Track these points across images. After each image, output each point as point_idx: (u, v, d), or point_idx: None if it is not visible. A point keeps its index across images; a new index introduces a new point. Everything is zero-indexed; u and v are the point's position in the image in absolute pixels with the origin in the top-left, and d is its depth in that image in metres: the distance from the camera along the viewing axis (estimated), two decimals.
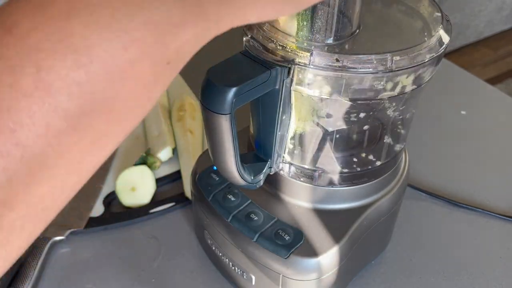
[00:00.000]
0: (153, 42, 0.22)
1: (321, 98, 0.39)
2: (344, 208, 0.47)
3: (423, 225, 0.60)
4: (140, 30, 0.22)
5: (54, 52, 0.20)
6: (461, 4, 2.17)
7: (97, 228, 0.58)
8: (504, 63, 2.33)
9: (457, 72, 0.87)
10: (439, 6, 0.43)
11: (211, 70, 0.36)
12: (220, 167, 0.41)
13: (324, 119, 0.41)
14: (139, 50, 0.22)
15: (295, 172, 0.46)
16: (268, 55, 0.38)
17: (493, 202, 0.63)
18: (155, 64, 0.23)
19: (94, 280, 0.54)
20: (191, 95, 0.75)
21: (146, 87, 0.23)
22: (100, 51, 0.21)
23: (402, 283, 0.54)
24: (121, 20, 0.21)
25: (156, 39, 0.22)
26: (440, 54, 0.39)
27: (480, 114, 0.78)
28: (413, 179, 0.65)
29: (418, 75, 0.39)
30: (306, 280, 0.44)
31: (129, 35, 0.21)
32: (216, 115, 0.36)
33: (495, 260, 0.56)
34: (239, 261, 0.48)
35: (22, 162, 0.20)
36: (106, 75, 0.21)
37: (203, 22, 0.25)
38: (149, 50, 0.22)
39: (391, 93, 0.39)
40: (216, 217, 0.48)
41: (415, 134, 0.71)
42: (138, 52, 0.22)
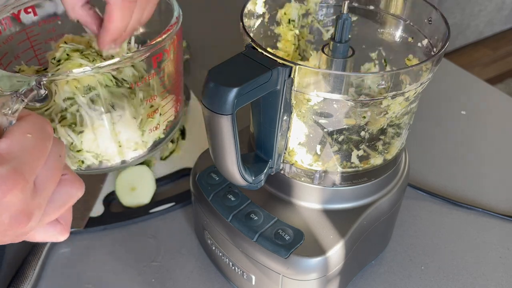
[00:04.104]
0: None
1: (321, 98, 0.39)
2: (344, 208, 0.47)
3: (423, 225, 0.60)
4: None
5: None
6: (461, 4, 2.17)
7: (97, 228, 0.58)
8: (504, 63, 2.33)
9: (457, 72, 0.87)
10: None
11: (213, 71, 0.36)
12: (221, 168, 0.41)
13: (324, 119, 0.41)
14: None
15: (295, 172, 0.46)
16: (269, 55, 0.38)
17: (493, 202, 0.63)
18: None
19: (94, 280, 0.54)
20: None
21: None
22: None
23: (402, 283, 0.54)
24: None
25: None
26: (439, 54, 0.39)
27: (480, 114, 0.78)
28: (413, 179, 0.65)
29: (417, 75, 0.39)
30: (306, 280, 0.44)
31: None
32: (217, 115, 0.36)
33: (495, 260, 0.56)
34: (239, 261, 0.48)
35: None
36: None
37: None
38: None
39: (391, 93, 0.39)
40: (216, 217, 0.48)
41: (415, 134, 0.71)
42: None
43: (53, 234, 0.32)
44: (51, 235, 0.32)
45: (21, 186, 0.27)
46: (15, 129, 0.29)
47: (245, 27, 0.41)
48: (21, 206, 0.28)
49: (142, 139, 0.40)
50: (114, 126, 0.38)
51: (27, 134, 0.29)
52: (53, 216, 0.31)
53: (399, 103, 0.40)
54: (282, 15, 0.49)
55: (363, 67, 0.52)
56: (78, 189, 0.32)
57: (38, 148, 0.29)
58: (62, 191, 0.31)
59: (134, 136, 0.39)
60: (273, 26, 0.50)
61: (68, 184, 0.32)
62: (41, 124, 0.30)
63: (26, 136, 0.28)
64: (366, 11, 0.49)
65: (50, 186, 0.30)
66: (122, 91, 0.37)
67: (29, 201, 0.28)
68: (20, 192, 0.27)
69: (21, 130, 0.29)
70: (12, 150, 0.28)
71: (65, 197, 0.31)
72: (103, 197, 0.62)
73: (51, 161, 0.30)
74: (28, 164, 0.28)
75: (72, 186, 0.32)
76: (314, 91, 0.39)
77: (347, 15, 0.42)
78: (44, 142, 0.29)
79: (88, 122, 0.37)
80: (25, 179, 0.27)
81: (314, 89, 0.39)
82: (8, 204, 0.27)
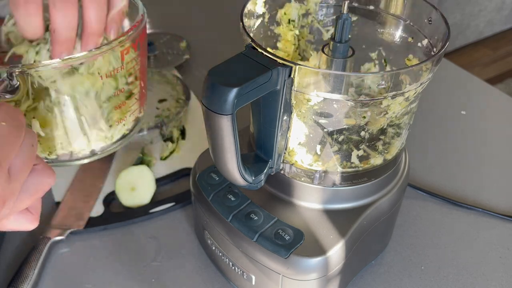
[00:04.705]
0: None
1: (321, 98, 0.39)
2: (344, 208, 0.47)
3: (423, 225, 0.60)
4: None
5: None
6: (461, 4, 2.17)
7: (97, 228, 0.58)
8: (504, 63, 2.33)
9: (457, 72, 0.87)
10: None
11: (213, 71, 0.36)
12: (221, 168, 0.41)
13: (324, 119, 0.41)
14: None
15: (295, 172, 0.46)
16: (269, 55, 0.38)
17: (493, 202, 0.63)
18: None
19: (94, 280, 0.54)
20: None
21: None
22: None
23: (402, 283, 0.54)
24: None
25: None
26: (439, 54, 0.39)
27: (480, 114, 0.78)
28: (413, 179, 0.65)
29: (417, 75, 0.39)
30: (306, 280, 0.44)
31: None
32: (217, 115, 0.36)
33: (495, 260, 0.56)
34: (239, 261, 0.48)
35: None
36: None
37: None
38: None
39: (391, 93, 0.39)
40: (216, 217, 0.48)
41: (415, 134, 0.71)
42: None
43: (23, 223, 0.33)
44: (21, 224, 0.33)
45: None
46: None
47: (245, 27, 0.41)
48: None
49: (109, 132, 0.41)
50: (82, 118, 0.38)
51: (1, 122, 0.29)
52: (25, 204, 0.32)
53: (399, 103, 0.40)
54: (282, 15, 0.49)
55: (363, 67, 0.52)
56: (50, 178, 0.33)
57: (12, 136, 0.30)
58: (34, 179, 0.32)
59: (101, 128, 0.40)
60: (273, 26, 0.50)
61: (40, 173, 0.32)
62: (14, 113, 0.31)
63: (0, 124, 0.29)
64: (366, 11, 0.49)
65: (23, 174, 0.31)
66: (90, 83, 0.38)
67: (4, 187, 0.28)
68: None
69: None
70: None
71: (37, 186, 0.32)
72: (103, 197, 0.62)
73: (24, 150, 0.31)
74: (3, 152, 0.29)
75: (43, 175, 0.32)
76: (314, 91, 0.39)
77: (347, 15, 0.42)
78: (18, 130, 0.30)
79: (58, 115, 0.38)
80: (2, 168, 0.28)
81: (314, 89, 0.39)
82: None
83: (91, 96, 0.38)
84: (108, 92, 0.39)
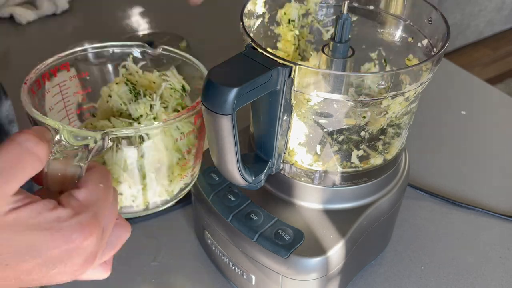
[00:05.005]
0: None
1: (321, 98, 0.39)
2: (344, 208, 0.47)
3: (423, 225, 0.60)
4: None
5: None
6: (461, 4, 2.17)
7: None
8: (504, 63, 2.33)
9: (457, 72, 0.87)
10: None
11: (213, 71, 0.36)
12: (221, 168, 0.41)
13: (324, 119, 0.41)
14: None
15: (295, 172, 0.46)
16: (269, 55, 0.38)
17: (493, 202, 0.63)
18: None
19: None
20: None
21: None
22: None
23: (402, 283, 0.54)
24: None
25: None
26: (439, 54, 0.39)
27: (480, 114, 0.78)
28: (413, 179, 0.65)
29: (417, 75, 0.39)
30: (306, 280, 0.44)
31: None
32: (217, 115, 0.36)
33: (495, 260, 0.56)
34: (239, 261, 0.48)
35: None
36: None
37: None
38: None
39: (391, 93, 0.39)
40: (216, 217, 0.48)
41: (415, 134, 0.71)
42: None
43: (100, 272, 0.35)
44: (98, 274, 0.35)
45: (97, 231, 0.30)
46: (89, 179, 0.32)
47: (245, 27, 0.41)
48: (94, 249, 0.30)
49: (170, 187, 0.44)
50: (151, 174, 0.42)
51: (100, 184, 0.32)
52: (107, 257, 0.34)
53: (399, 103, 0.40)
54: (282, 15, 0.49)
55: (363, 67, 0.52)
56: (127, 231, 0.35)
57: (107, 195, 0.32)
58: (116, 233, 0.34)
59: (163, 184, 0.44)
60: (273, 26, 0.50)
61: (120, 228, 0.35)
62: (107, 174, 0.34)
63: (99, 186, 0.32)
64: (366, 11, 0.49)
65: (110, 229, 0.33)
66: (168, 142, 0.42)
67: (98, 243, 0.31)
68: (96, 236, 0.30)
69: (94, 180, 0.32)
70: (90, 198, 0.31)
71: (118, 239, 0.35)
72: None
73: (112, 206, 0.33)
74: (101, 211, 0.31)
75: (122, 229, 0.35)
76: (314, 91, 0.39)
77: (347, 15, 0.42)
78: (110, 190, 0.33)
79: (131, 172, 0.41)
80: (100, 225, 0.31)
81: (314, 89, 0.39)
82: (86, 247, 0.30)
83: (161, 155, 0.41)
84: (175, 153, 0.43)
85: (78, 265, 0.30)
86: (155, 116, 0.44)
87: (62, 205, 0.30)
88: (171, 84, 0.46)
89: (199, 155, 0.46)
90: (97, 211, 0.31)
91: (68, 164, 0.33)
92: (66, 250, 0.29)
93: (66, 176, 0.33)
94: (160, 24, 0.98)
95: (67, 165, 0.33)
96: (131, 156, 0.40)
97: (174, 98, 0.46)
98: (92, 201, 0.31)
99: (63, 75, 0.45)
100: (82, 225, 0.29)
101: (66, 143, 0.34)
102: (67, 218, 0.29)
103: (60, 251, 0.29)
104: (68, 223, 0.29)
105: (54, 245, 0.28)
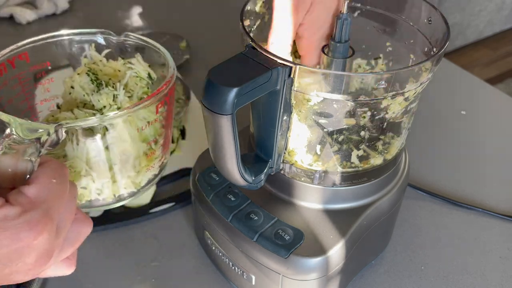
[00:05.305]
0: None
1: (321, 98, 0.39)
2: (344, 208, 0.47)
3: (423, 225, 0.60)
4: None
5: None
6: (461, 4, 2.17)
7: (97, 228, 0.58)
8: (504, 63, 2.33)
9: (457, 72, 0.87)
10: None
11: (213, 71, 0.36)
12: (221, 168, 0.41)
13: (324, 119, 0.41)
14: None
15: (295, 172, 0.46)
16: (269, 55, 0.38)
17: (493, 202, 0.63)
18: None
19: (94, 280, 0.54)
20: None
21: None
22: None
23: (402, 283, 0.54)
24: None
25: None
26: (439, 54, 0.39)
27: (480, 114, 0.78)
28: (413, 179, 0.65)
29: (417, 75, 0.39)
30: (306, 280, 0.44)
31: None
32: (217, 115, 0.36)
33: (495, 260, 0.56)
34: (239, 261, 0.48)
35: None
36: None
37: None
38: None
39: (391, 93, 0.39)
40: (216, 217, 0.48)
41: (415, 134, 0.71)
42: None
43: (62, 269, 0.35)
44: (60, 270, 0.35)
45: (49, 228, 0.29)
46: (40, 175, 0.31)
47: (245, 27, 0.41)
48: (47, 247, 0.29)
49: (137, 178, 0.43)
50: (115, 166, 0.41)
51: (52, 179, 0.31)
52: (67, 254, 0.33)
53: (399, 103, 0.40)
54: None
55: (355, 62, 0.51)
56: (88, 227, 0.34)
57: (61, 191, 0.31)
58: (75, 229, 0.33)
59: (129, 175, 0.42)
60: None
61: (80, 223, 0.34)
62: (61, 169, 0.32)
63: (51, 181, 0.31)
64: (366, 11, 0.49)
65: (67, 226, 0.32)
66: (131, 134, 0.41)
67: (52, 242, 0.30)
68: (48, 234, 0.29)
69: (46, 175, 0.31)
70: (41, 195, 0.30)
71: (78, 235, 0.34)
72: None
73: (68, 203, 0.32)
74: (54, 207, 0.30)
75: (83, 225, 0.34)
76: (314, 91, 0.39)
77: (347, 15, 0.42)
78: (65, 185, 0.32)
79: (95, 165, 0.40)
80: (53, 222, 0.30)
81: (314, 89, 0.39)
82: (37, 246, 0.29)
83: (126, 145, 0.40)
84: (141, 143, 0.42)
85: (30, 264, 0.29)
86: (119, 106, 0.43)
87: (10, 203, 0.29)
88: (137, 72, 0.45)
89: (167, 145, 0.45)
90: (49, 208, 0.30)
91: (19, 159, 0.31)
92: (15, 249, 0.28)
93: (17, 172, 0.31)
94: (160, 24, 0.98)
95: (18, 160, 0.31)
96: (94, 149, 0.39)
97: (139, 87, 0.45)
98: (42, 197, 0.30)
99: (22, 65, 0.43)
100: (31, 223, 0.28)
101: (17, 137, 0.32)
102: (15, 217, 0.28)
103: (8, 251, 0.28)
104: (15, 222, 0.28)
105: (2, 244, 0.28)
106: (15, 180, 0.31)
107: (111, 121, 0.38)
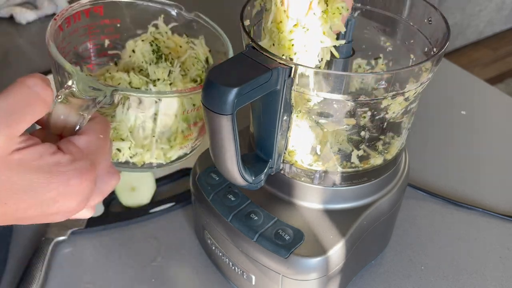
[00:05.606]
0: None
1: (322, 98, 0.39)
2: (344, 208, 0.47)
3: (423, 225, 0.60)
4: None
5: None
6: (461, 4, 2.17)
7: (97, 228, 0.58)
8: (504, 63, 2.33)
9: (457, 72, 0.87)
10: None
11: (212, 71, 0.36)
12: (221, 168, 0.41)
13: (324, 119, 0.41)
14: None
15: (295, 172, 0.46)
16: (269, 55, 0.38)
17: (493, 202, 0.63)
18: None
19: (94, 280, 0.54)
20: None
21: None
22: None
23: (402, 283, 0.54)
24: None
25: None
26: (439, 54, 0.39)
27: (480, 114, 0.78)
28: (413, 179, 0.65)
29: (417, 75, 0.39)
30: (306, 280, 0.44)
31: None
32: (217, 115, 0.36)
33: (495, 260, 0.56)
34: (239, 261, 0.48)
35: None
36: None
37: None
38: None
39: (391, 93, 0.39)
40: (216, 217, 0.48)
41: (415, 134, 0.71)
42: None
43: (85, 213, 0.37)
44: (83, 214, 0.37)
45: (92, 178, 0.32)
46: (90, 129, 0.34)
47: (245, 27, 0.41)
48: (88, 193, 0.32)
49: (170, 153, 0.45)
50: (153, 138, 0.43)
51: (100, 135, 0.34)
52: (96, 201, 0.36)
53: (399, 103, 0.40)
54: None
55: (355, 62, 0.51)
56: (116, 180, 0.37)
57: (105, 147, 0.34)
58: (105, 181, 0.36)
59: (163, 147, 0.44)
60: None
61: (110, 175, 0.36)
62: (107, 127, 0.36)
63: (99, 137, 0.34)
64: (366, 11, 0.49)
65: (101, 176, 0.35)
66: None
67: (92, 188, 0.33)
68: (91, 182, 0.32)
69: (95, 131, 0.34)
70: (89, 147, 0.33)
71: (107, 186, 0.36)
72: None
73: (106, 157, 0.35)
74: (97, 160, 0.33)
75: (112, 177, 0.37)
76: (314, 91, 0.39)
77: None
78: (108, 142, 0.35)
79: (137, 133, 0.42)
80: (96, 172, 0.33)
81: (314, 89, 0.39)
82: (82, 191, 0.32)
83: (169, 121, 0.42)
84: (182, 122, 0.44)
85: (71, 207, 0.32)
86: (172, 82, 0.44)
87: (62, 151, 0.31)
88: (196, 54, 0.46)
89: (204, 130, 0.46)
90: (94, 160, 0.33)
91: (73, 110, 0.34)
92: (63, 193, 0.31)
93: (68, 122, 0.34)
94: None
95: (72, 111, 0.34)
96: (141, 118, 0.40)
97: (195, 68, 0.46)
98: (91, 149, 0.33)
99: (95, 17, 0.45)
100: (80, 171, 0.31)
101: (76, 91, 0.34)
102: (66, 164, 0.31)
103: (57, 194, 0.30)
104: (67, 168, 0.31)
105: (52, 187, 0.30)
106: (65, 129, 0.34)
107: (165, 98, 0.39)
